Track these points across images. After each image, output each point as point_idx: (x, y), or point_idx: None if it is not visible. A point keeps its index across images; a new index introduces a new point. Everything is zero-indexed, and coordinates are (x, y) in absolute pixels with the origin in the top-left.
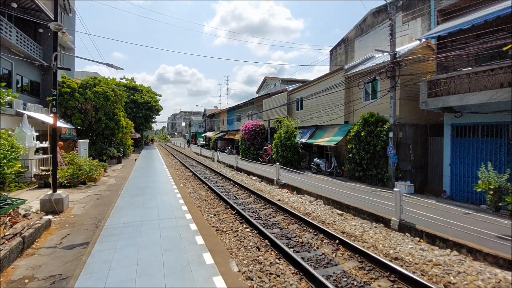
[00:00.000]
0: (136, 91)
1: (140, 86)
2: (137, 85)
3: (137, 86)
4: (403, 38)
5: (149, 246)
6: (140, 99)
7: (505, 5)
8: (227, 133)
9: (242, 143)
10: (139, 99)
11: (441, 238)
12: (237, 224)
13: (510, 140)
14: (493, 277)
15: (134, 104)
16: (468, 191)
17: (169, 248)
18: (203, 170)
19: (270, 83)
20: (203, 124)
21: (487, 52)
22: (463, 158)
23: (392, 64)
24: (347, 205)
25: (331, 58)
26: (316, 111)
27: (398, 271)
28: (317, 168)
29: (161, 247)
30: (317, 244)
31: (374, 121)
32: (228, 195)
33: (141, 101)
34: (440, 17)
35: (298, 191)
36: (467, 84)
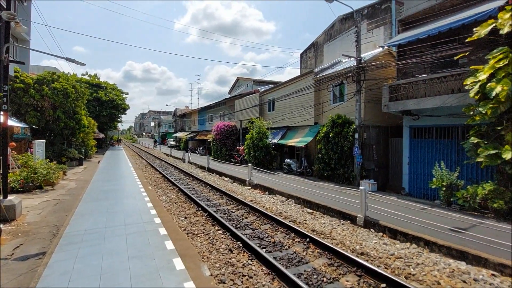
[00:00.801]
0: (100, 88)
1: (104, 83)
2: (101, 82)
3: (101, 83)
4: (368, 45)
5: (115, 253)
6: (105, 96)
7: (457, 18)
8: (198, 133)
9: (214, 143)
10: (103, 97)
11: (402, 233)
12: (209, 226)
13: (460, 141)
14: (447, 267)
15: (98, 102)
16: (425, 188)
17: (137, 255)
18: (173, 171)
19: (242, 84)
20: (173, 124)
21: (441, 60)
22: (420, 158)
23: (357, 69)
24: (317, 203)
25: (301, 61)
26: (288, 112)
27: (364, 266)
28: (288, 168)
29: (127, 254)
30: (289, 243)
31: (342, 122)
32: (200, 197)
33: (106, 99)
34: (401, 26)
35: (270, 191)
36: (424, 89)
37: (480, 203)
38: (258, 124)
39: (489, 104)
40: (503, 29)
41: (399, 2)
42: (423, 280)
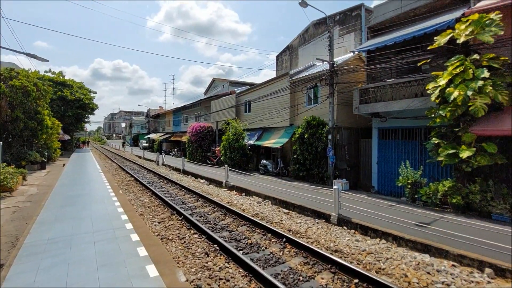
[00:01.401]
0: (66, 86)
1: (70, 81)
2: (67, 80)
3: (67, 81)
4: (340, 50)
5: (82, 263)
6: (70, 95)
7: (420, 27)
8: (173, 134)
9: (189, 145)
10: (69, 96)
11: (372, 229)
12: (184, 230)
13: (423, 141)
14: (413, 260)
15: (63, 102)
16: (392, 186)
17: (107, 263)
18: (146, 174)
19: (218, 85)
20: (146, 125)
21: (406, 66)
22: (387, 157)
23: (330, 73)
24: (293, 204)
25: (277, 63)
26: (264, 113)
27: (338, 263)
28: (265, 169)
29: (96, 263)
30: (266, 244)
31: (316, 124)
32: (174, 200)
33: (72, 98)
34: (370, 33)
35: (246, 193)
36: (390, 93)
37: (441, 199)
38: (235, 125)
39: (448, 108)
40: (459, 38)
41: (368, 10)
42: (392, 274)
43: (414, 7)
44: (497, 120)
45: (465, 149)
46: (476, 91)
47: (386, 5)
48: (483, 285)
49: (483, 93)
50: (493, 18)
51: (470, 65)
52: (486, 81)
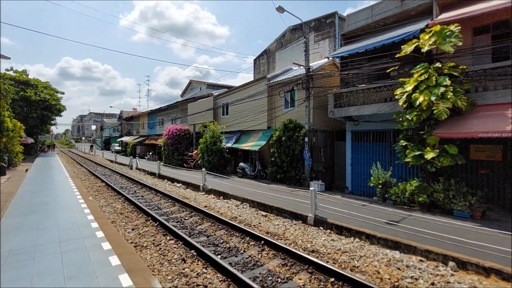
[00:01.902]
0: (29, 86)
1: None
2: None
3: (30, 80)
4: (315, 55)
5: (48, 275)
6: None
7: (389, 36)
8: (147, 137)
9: (165, 148)
10: (33, 96)
11: (347, 228)
12: (160, 236)
13: (392, 144)
14: (385, 256)
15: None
16: (364, 186)
17: (75, 275)
18: (119, 179)
19: (195, 87)
20: (118, 128)
21: (376, 72)
22: (360, 159)
23: (306, 77)
24: (271, 206)
25: (254, 66)
26: (242, 116)
27: (315, 263)
28: (243, 172)
29: (63, 275)
30: (244, 247)
31: (293, 127)
32: (149, 206)
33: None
34: (343, 40)
35: (224, 196)
36: (362, 98)
37: (409, 197)
38: (212, 128)
39: (414, 112)
40: (424, 48)
41: (342, 18)
42: (366, 271)
43: (383, 17)
44: (457, 123)
45: (429, 151)
46: (439, 96)
47: (357, 14)
48: (447, 277)
49: (445, 99)
50: (453, 29)
51: (433, 72)
52: (448, 88)
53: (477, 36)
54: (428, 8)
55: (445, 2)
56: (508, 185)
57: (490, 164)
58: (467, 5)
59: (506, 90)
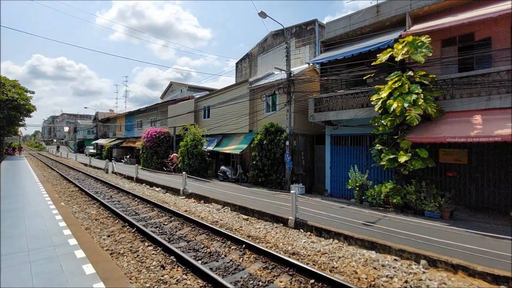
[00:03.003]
0: None
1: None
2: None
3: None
4: (296, 61)
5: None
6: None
7: (365, 45)
8: (125, 140)
9: (143, 151)
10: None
11: (326, 230)
12: (138, 243)
13: (368, 147)
14: (362, 257)
15: None
16: (343, 189)
17: (46, 286)
18: (94, 183)
19: (176, 89)
20: (94, 130)
21: (354, 79)
22: (339, 162)
23: (288, 82)
24: (252, 209)
25: (236, 70)
26: (223, 119)
27: (295, 265)
28: (224, 176)
29: (32, 286)
30: (225, 252)
31: (274, 130)
32: (126, 211)
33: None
34: (323, 47)
35: (205, 200)
36: (341, 103)
37: (384, 199)
38: (193, 131)
39: (388, 117)
40: (397, 57)
41: (322, 25)
42: (344, 272)
43: (360, 26)
44: (428, 129)
45: (402, 155)
46: (411, 103)
47: (336, 22)
48: (419, 275)
49: (417, 106)
50: (423, 41)
51: (406, 80)
52: (419, 95)
53: (445, 47)
54: (402, 19)
55: (417, 15)
56: (473, 186)
57: (457, 167)
58: (436, 18)
59: (471, 98)
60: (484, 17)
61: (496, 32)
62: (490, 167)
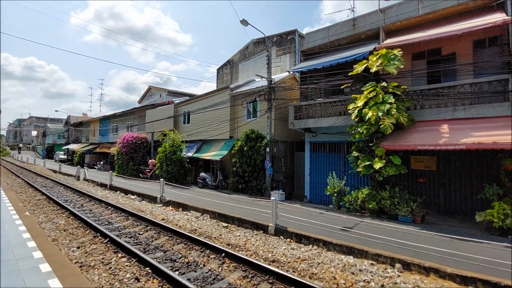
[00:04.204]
0: None
1: None
2: None
3: None
4: (277, 69)
5: None
6: None
7: (342, 56)
8: (99, 145)
9: (119, 157)
10: None
11: (306, 236)
12: (110, 254)
13: (346, 154)
14: (340, 262)
15: None
16: (322, 195)
17: None
18: (63, 191)
19: (155, 93)
20: (65, 134)
21: (332, 88)
22: (318, 169)
23: (268, 89)
24: (232, 216)
25: (218, 76)
26: (204, 125)
27: (275, 273)
28: (203, 182)
29: None
30: (204, 261)
31: (255, 137)
32: (98, 220)
33: None
34: (303, 56)
35: (184, 208)
36: (320, 111)
37: (360, 205)
38: (172, 137)
39: (364, 126)
40: (372, 68)
41: (301, 35)
42: (323, 278)
43: (338, 38)
44: (400, 137)
45: (377, 161)
46: (385, 112)
47: (315, 33)
48: (394, 278)
49: (390, 115)
50: (396, 54)
51: (380, 91)
52: (392, 105)
53: (415, 60)
54: (376, 33)
55: (390, 29)
56: (441, 192)
57: (427, 173)
58: (408, 33)
59: (438, 108)
60: (449, 34)
61: (460, 48)
62: (457, 173)
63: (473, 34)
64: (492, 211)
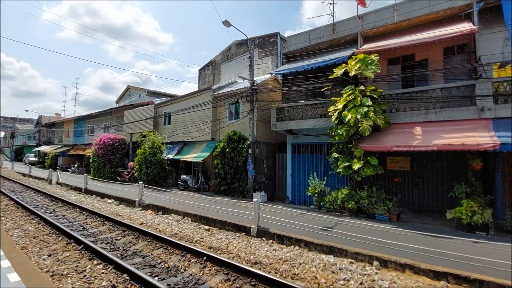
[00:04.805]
0: None
1: None
2: None
3: None
4: (259, 70)
5: None
6: None
7: (323, 59)
8: (73, 147)
9: (95, 159)
10: None
11: (287, 237)
12: (85, 261)
13: (326, 156)
14: (321, 262)
15: None
16: (303, 196)
17: None
18: (33, 196)
19: (134, 93)
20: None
21: (313, 90)
22: (299, 170)
23: (251, 90)
24: (214, 219)
25: (199, 77)
26: (185, 127)
27: (258, 275)
28: (185, 185)
29: None
30: (185, 266)
31: (237, 138)
32: (72, 226)
33: None
34: (285, 58)
35: (164, 211)
36: (301, 113)
37: (340, 205)
38: (152, 138)
39: (344, 128)
40: (351, 72)
41: (283, 39)
42: (305, 278)
43: (318, 42)
44: (377, 139)
45: (356, 162)
46: (363, 115)
47: (297, 36)
48: (372, 276)
49: (368, 117)
50: (373, 59)
51: (359, 94)
52: (369, 108)
53: (391, 65)
54: (355, 38)
55: (367, 35)
56: (415, 191)
57: (402, 173)
58: (384, 39)
59: (412, 111)
60: (422, 41)
61: (431, 54)
62: (429, 173)
63: (443, 41)
64: (461, 208)
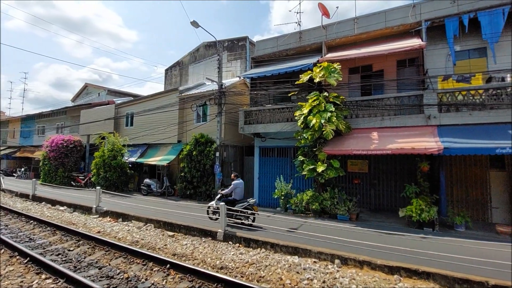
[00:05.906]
0: None
1: None
2: None
3: None
4: (228, 73)
5: None
6: None
7: (290, 65)
8: (19, 149)
9: (45, 163)
10: None
11: (254, 240)
12: (32, 276)
13: (292, 159)
14: (286, 263)
15: None
16: (270, 198)
17: None
18: None
19: (92, 92)
20: None
21: (280, 95)
22: (266, 173)
23: (219, 93)
24: (178, 224)
25: (166, 77)
26: (149, 128)
27: (223, 280)
28: (148, 189)
29: None
30: (146, 275)
31: (204, 141)
32: (17, 237)
33: None
34: (253, 63)
35: (124, 218)
36: (269, 116)
37: (305, 206)
38: (112, 140)
39: (309, 132)
40: (316, 78)
41: (252, 43)
42: (271, 280)
43: (286, 48)
44: (339, 143)
45: (320, 165)
46: (326, 120)
47: (265, 42)
48: (334, 274)
49: (331, 122)
50: (335, 67)
51: (323, 100)
52: (332, 113)
53: (351, 74)
54: (319, 47)
55: (331, 45)
56: (372, 191)
57: (361, 175)
58: (346, 49)
59: (370, 117)
60: (378, 53)
61: (386, 65)
62: (385, 175)
63: (396, 54)
64: (411, 207)
